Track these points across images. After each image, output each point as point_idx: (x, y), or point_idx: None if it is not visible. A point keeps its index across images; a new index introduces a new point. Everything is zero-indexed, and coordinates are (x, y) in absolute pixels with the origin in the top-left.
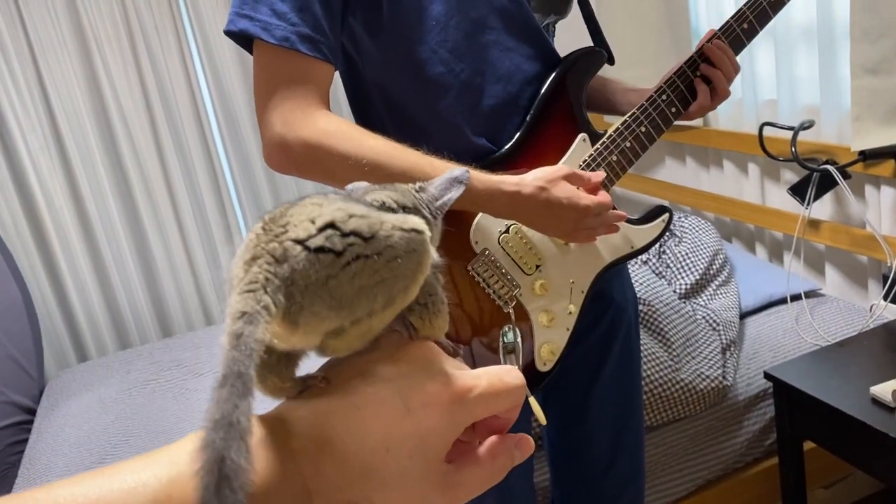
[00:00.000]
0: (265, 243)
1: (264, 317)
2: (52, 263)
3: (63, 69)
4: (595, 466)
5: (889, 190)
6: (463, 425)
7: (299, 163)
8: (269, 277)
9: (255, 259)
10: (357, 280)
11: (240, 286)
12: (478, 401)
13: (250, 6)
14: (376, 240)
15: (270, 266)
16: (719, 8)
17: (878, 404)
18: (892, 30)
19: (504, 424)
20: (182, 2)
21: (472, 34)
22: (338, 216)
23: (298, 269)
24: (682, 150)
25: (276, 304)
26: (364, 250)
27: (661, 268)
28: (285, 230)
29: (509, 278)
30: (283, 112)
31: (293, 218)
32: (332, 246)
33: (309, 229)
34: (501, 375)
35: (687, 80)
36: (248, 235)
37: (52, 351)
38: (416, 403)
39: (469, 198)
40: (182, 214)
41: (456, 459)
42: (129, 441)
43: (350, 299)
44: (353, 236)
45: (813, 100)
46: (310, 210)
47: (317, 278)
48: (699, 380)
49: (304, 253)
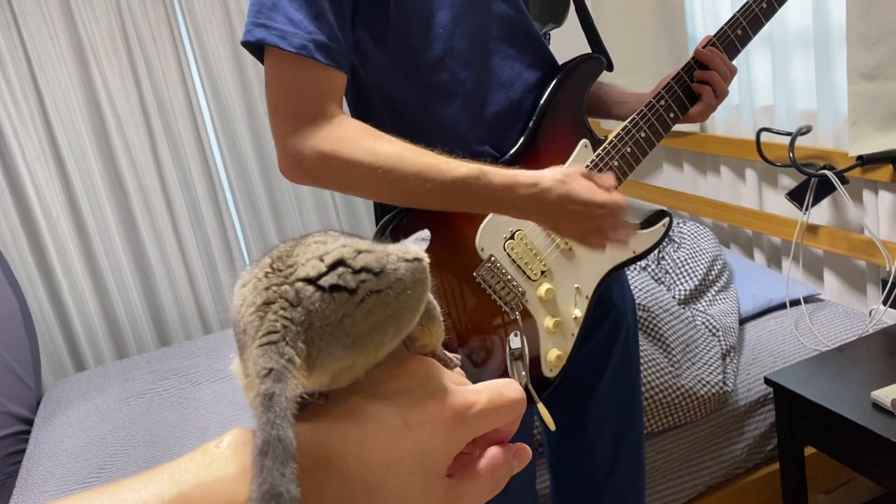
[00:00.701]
0: (277, 286)
1: (291, 371)
2: (49, 273)
3: (60, 80)
4: (596, 472)
5: (887, 195)
6: (464, 441)
7: (313, 172)
8: (287, 325)
9: (269, 304)
10: (371, 316)
11: (258, 337)
12: (478, 416)
13: (266, 15)
14: (385, 273)
15: (286, 311)
16: (716, 14)
17: (878, 409)
18: (889, 35)
19: (504, 436)
20: (179, 12)
21: (476, 42)
22: (346, 253)
23: (314, 310)
24: (679, 156)
25: (299, 353)
26: (377, 285)
27: (660, 273)
28: (294, 270)
29: (515, 285)
30: (297, 122)
31: (300, 257)
32: (345, 284)
33: (319, 267)
34: (501, 390)
35: (684, 85)
36: (254, 273)
37: (49, 361)
38: (416, 420)
39: (487, 194)
40: (179, 224)
41: (456, 473)
42: (126, 450)
43: (364, 335)
44: (364, 272)
45: (810, 105)
46: (315, 248)
47: (333, 319)
48: (699, 385)
49: (318, 293)
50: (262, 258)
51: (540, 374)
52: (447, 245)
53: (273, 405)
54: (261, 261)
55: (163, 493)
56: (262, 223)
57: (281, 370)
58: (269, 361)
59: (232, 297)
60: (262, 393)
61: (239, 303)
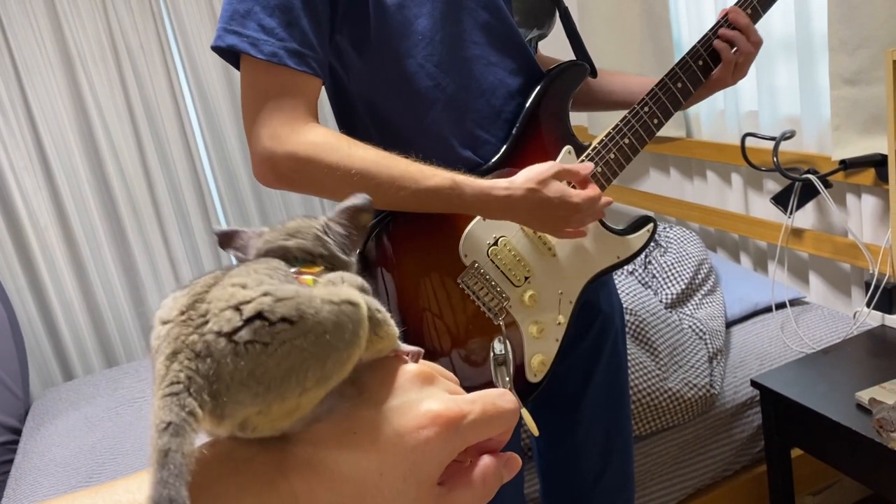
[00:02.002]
0: (185, 336)
1: (191, 425)
2: (37, 282)
3: (48, 87)
4: (585, 477)
5: (870, 198)
6: (457, 450)
7: (288, 177)
8: (192, 376)
9: (176, 354)
10: (285, 362)
11: (161, 387)
12: (472, 426)
13: (238, 22)
14: (303, 321)
15: (192, 362)
16: (700, 20)
17: (863, 410)
18: (869, 41)
19: (496, 445)
20: (167, 20)
21: (457, 48)
22: (265, 305)
23: (224, 363)
24: (665, 161)
25: (202, 405)
26: (292, 335)
27: (647, 278)
28: (205, 319)
29: (499, 290)
30: (270, 127)
31: (213, 305)
32: (259, 339)
33: (233, 321)
34: (495, 400)
35: (668, 92)
36: (172, 311)
37: (37, 370)
38: (410, 428)
39: (459, 203)
40: (168, 231)
41: (447, 481)
42: (116, 459)
43: (278, 382)
44: (281, 323)
45: (793, 110)
46: (231, 293)
47: (244, 370)
48: (686, 389)
49: (231, 346)
50: (189, 286)
51: (524, 380)
52: (431, 252)
53: (168, 462)
54: (188, 289)
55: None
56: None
57: (180, 424)
58: (168, 414)
59: (154, 322)
60: (159, 448)
61: (155, 344)
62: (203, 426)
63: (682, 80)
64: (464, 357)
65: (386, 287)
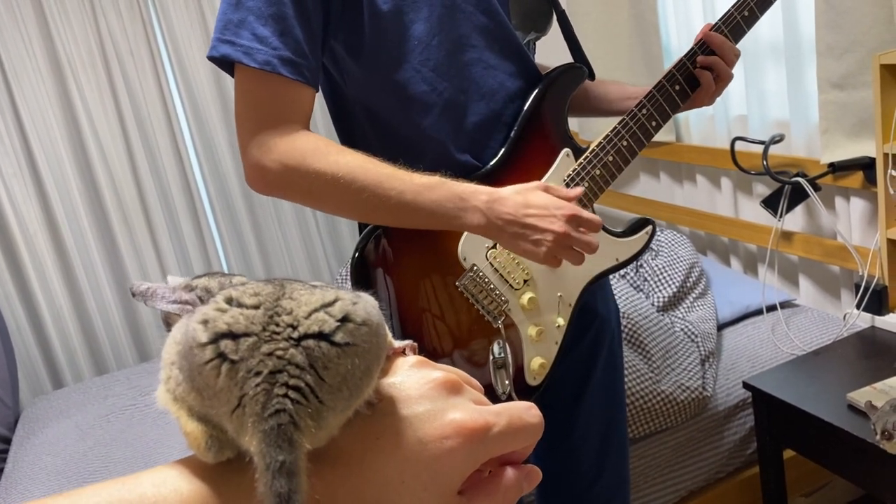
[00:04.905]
0: (283, 351)
1: (304, 461)
2: (26, 290)
3: (37, 95)
4: (581, 480)
5: (858, 201)
6: (479, 461)
7: (277, 185)
8: (298, 399)
9: (276, 374)
10: (363, 363)
11: (265, 417)
12: (496, 438)
13: (232, 31)
14: (372, 322)
15: (297, 379)
16: (689, 26)
17: (854, 410)
18: (856, 45)
19: (519, 458)
20: (157, 26)
21: (455, 53)
22: (348, 306)
23: (326, 369)
24: (656, 165)
25: (306, 431)
26: (369, 336)
27: (638, 281)
28: (296, 326)
29: (497, 293)
30: (261, 135)
31: (296, 313)
32: (353, 340)
33: (329, 322)
34: (521, 414)
35: (665, 93)
36: (249, 338)
37: (27, 378)
38: (434, 437)
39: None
40: (159, 238)
41: (467, 490)
42: (107, 467)
43: (358, 383)
44: (362, 325)
45: (782, 114)
46: (306, 299)
47: (341, 375)
48: (679, 391)
49: (334, 350)
50: (224, 294)
51: (523, 383)
52: (429, 255)
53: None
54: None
55: (182, 487)
56: (242, 237)
57: (294, 462)
58: (279, 452)
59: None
60: (276, 492)
61: (233, 356)
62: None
63: (679, 82)
64: (463, 359)
65: (386, 289)
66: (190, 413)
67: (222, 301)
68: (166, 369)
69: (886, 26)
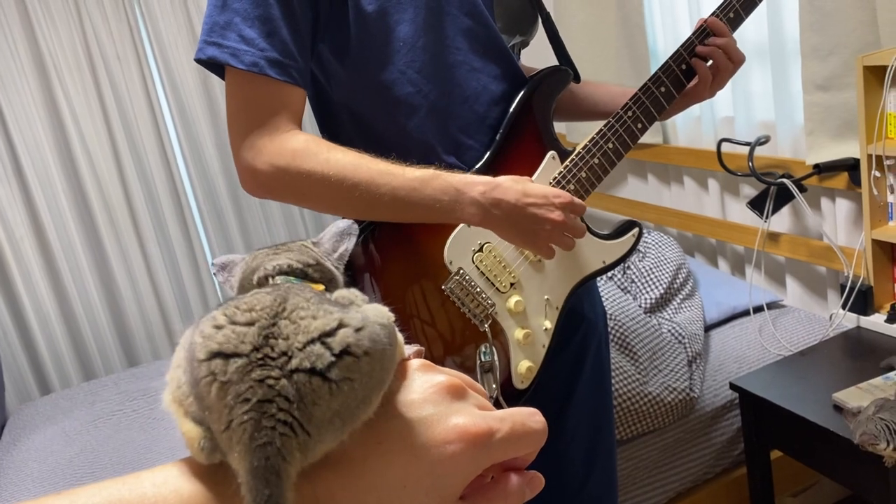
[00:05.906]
0: (274, 380)
1: (289, 490)
2: (12, 295)
3: (23, 99)
4: (569, 484)
5: (843, 202)
6: (482, 467)
7: (269, 186)
8: (285, 432)
9: (264, 404)
10: (361, 394)
11: (253, 448)
12: (500, 444)
13: (218, 33)
14: (376, 350)
15: (285, 413)
16: (675, 28)
17: (840, 411)
18: (840, 47)
19: (521, 464)
20: (143, 28)
21: (439, 55)
22: (350, 338)
23: (317, 405)
24: (643, 167)
25: (295, 465)
26: (370, 367)
27: (625, 283)
28: (289, 356)
29: (484, 297)
30: (252, 137)
31: (293, 340)
32: (350, 375)
33: (324, 357)
34: (525, 420)
35: (652, 97)
36: (239, 359)
37: (13, 384)
38: (436, 442)
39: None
40: (146, 242)
41: (469, 496)
42: (94, 473)
43: (353, 412)
44: (364, 357)
45: (768, 116)
46: (306, 324)
47: (332, 408)
48: (666, 392)
49: (326, 386)
50: (225, 307)
51: (511, 387)
52: (415, 258)
53: None
54: (227, 307)
55: (182, 488)
56: (230, 239)
57: (281, 494)
58: (265, 486)
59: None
60: None
61: (220, 377)
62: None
63: (664, 84)
64: (450, 364)
65: (373, 293)
66: (187, 414)
67: (220, 316)
68: (174, 371)
69: (870, 28)
